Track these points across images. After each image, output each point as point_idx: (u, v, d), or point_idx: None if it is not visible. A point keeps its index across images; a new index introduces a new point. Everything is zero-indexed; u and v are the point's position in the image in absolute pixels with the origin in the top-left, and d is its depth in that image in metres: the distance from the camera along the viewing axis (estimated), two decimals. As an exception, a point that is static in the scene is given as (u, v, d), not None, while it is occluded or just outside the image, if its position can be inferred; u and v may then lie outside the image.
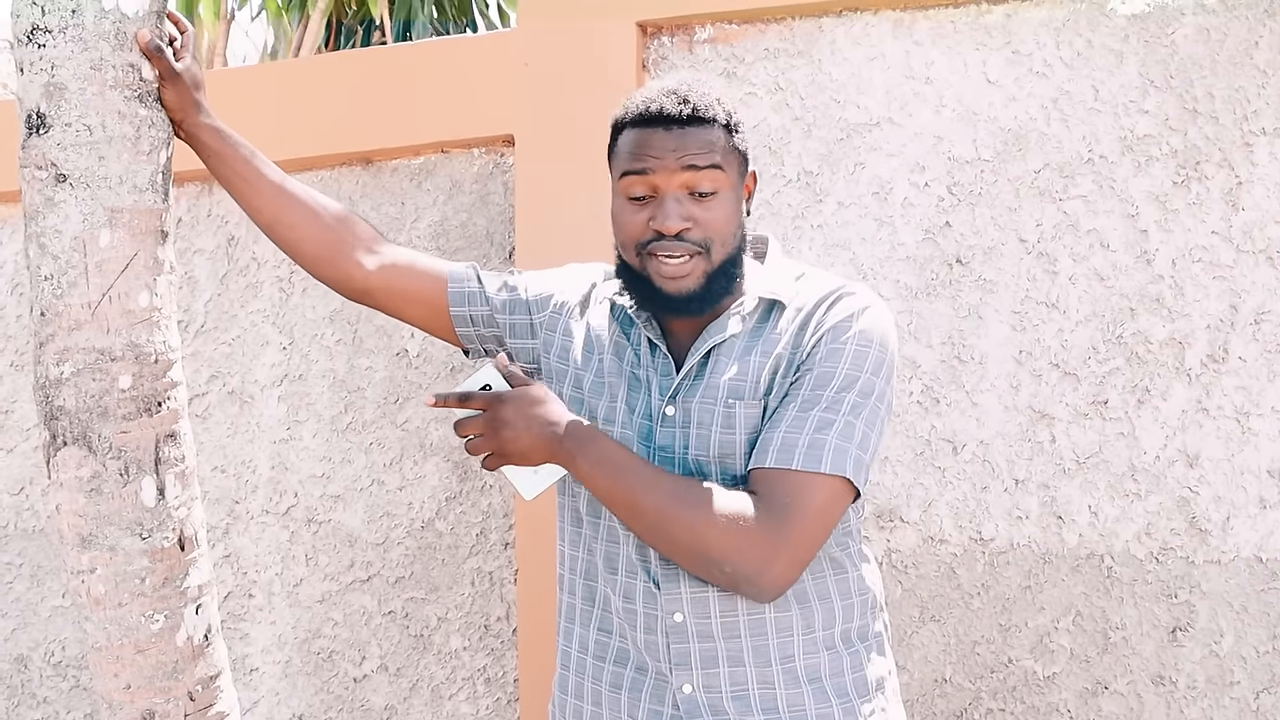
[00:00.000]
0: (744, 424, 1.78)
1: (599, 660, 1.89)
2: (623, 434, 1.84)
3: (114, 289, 1.72)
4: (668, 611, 1.80)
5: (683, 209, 1.77)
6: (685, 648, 1.79)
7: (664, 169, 1.78)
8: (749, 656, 1.79)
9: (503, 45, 2.87)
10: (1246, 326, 2.40)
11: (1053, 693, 2.48)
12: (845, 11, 2.63)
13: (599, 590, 1.90)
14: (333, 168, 3.03)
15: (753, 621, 1.79)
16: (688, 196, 1.78)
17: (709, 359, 1.82)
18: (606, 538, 1.86)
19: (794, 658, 1.80)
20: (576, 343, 1.93)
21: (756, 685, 1.79)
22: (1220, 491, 2.41)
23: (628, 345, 1.88)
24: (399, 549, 2.93)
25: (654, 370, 1.84)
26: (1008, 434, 2.51)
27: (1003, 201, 2.53)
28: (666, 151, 1.78)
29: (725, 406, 1.79)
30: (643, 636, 1.82)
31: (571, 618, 1.94)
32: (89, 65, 1.71)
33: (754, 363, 1.81)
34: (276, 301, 3.06)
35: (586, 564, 1.92)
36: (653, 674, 1.83)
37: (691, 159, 1.77)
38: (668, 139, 1.78)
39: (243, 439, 3.07)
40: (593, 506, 1.88)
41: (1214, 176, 2.43)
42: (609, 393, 1.87)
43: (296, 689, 3.01)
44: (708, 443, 1.79)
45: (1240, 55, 2.42)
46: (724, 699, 1.79)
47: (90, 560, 1.75)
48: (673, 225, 1.76)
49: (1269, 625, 2.37)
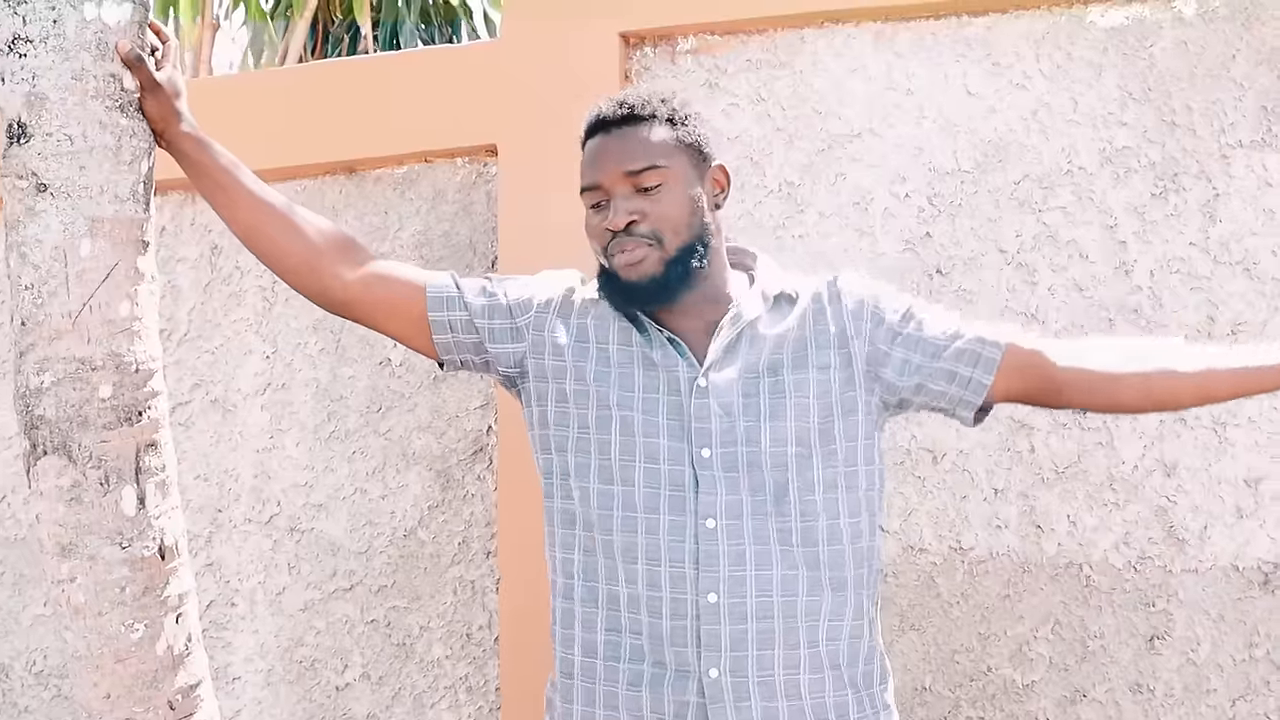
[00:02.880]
0: (791, 390, 1.85)
1: (611, 661, 1.89)
2: (645, 417, 1.86)
3: (95, 298, 1.73)
4: (702, 592, 1.81)
5: (629, 205, 1.86)
6: (716, 629, 1.81)
7: (606, 175, 1.88)
8: (779, 639, 1.81)
9: (486, 55, 2.88)
10: (1224, 337, 2.42)
11: (1032, 701, 2.49)
12: (827, 23, 2.65)
13: (601, 589, 1.89)
14: (316, 177, 3.03)
15: (786, 603, 1.82)
16: (635, 193, 1.86)
17: (740, 337, 1.89)
18: (622, 529, 1.86)
19: (819, 643, 1.83)
20: (568, 340, 1.94)
21: (782, 670, 1.81)
22: (1197, 501, 2.42)
23: (634, 336, 1.91)
24: (381, 557, 2.93)
25: (674, 354, 1.88)
26: (987, 444, 2.52)
27: (983, 212, 2.54)
28: (608, 157, 1.88)
29: (770, 376, 1.86)
30: (669, 623, 1.83)
31: (570, 623, 1.94)
32: (70, 75, 1.71)
33: (789, 336, 1.89)
34: (259, 310, 3.06)
35: (584, 564, 1.91)
36: (674, 665, 1.83)
37: (628, 161, 1.86)
38: (609, 143, 1.89)
39: (225, 447, 3.08)
40: (603, 500, 1.88)
41: (1192, 188, 2.45)
42: (618, 379, 1.89)
43: (279, 698, 3.01)
44: (757, 409, 1.85)
45: (1217, 68, 2.44)
46: (750, 683, 1.81)
47: (70, 569, 1.75)
48: (619, 221, 1.85)
49: (1245, 633, 2.39)
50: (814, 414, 1.85)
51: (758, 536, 1.82)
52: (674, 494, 1.83)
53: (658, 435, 1.85)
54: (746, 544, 1.81)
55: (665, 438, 1.85)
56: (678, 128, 1.89)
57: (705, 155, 1.92)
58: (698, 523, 1.82)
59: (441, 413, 2.89)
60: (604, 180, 1.87)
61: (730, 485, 1.83)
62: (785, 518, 1.83)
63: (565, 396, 1.92)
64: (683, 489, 1.83)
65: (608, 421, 1.88)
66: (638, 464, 1.85)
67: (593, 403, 1.89)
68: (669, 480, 1.84)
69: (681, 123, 1.90)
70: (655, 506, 1.84)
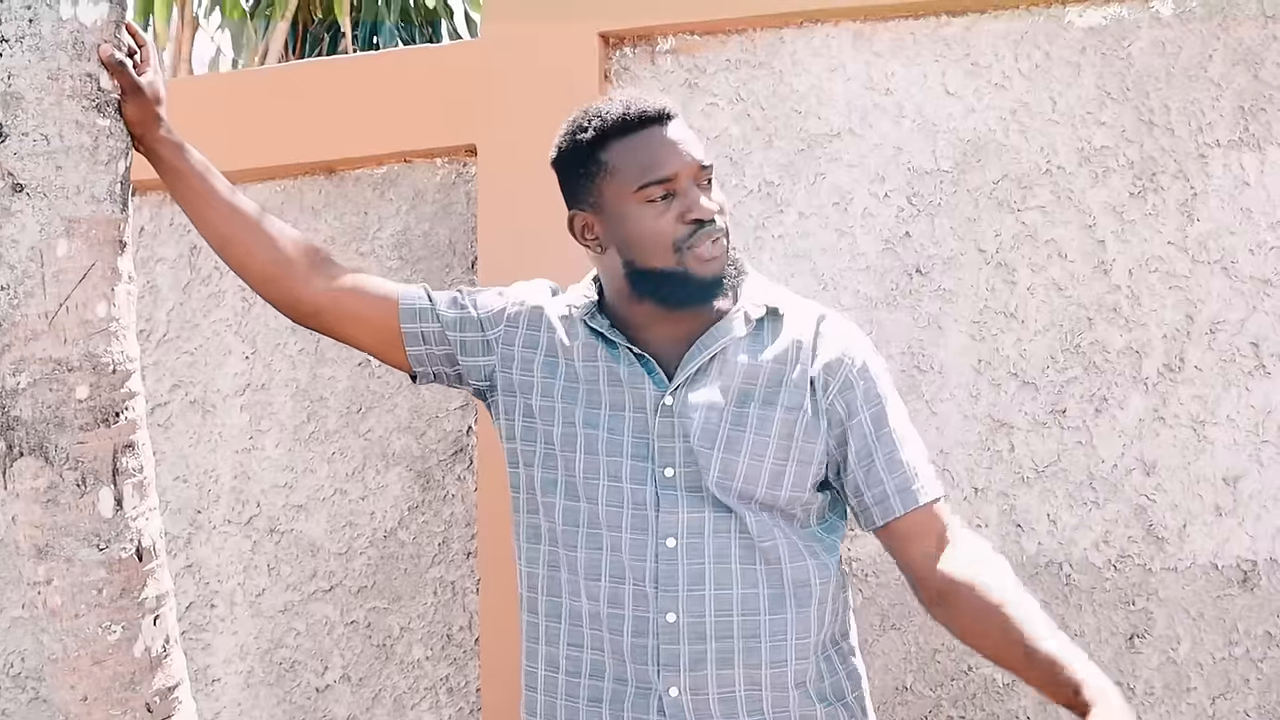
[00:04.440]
0: (753, 425, 1.82)
1: (572, 676, 1.87)
2: (609, 435, 1.85)
3: (71, 299, 1.72)
4: (660, 611, 1.80)
5: (708, 193, 1.84)
6: (675, 649, 1.80)
7: (684, 165, 1.82)
8: (739, 658, 1.80)
9: (465, 55, 2.87)
10: (1202, 336, 2.43)
11: (1012, 700, 2.50)
12: (806, 23, 2.65)
13: (564, 604, 1.89)
14: (295, 177, 3.02)
15: (746, 622, 1.80)
16: (704, 186, 1.84)
17: (713, 360, 1.85)
18: (586, 545, 1.85)
19: (785, 662, 1.81)
20: (537, 354, 1.93)
21: (744, 688, 1.80)
22: (1177, 499, 2.43)
23: (601, 352, 1.89)
24: (361, 559, 2.92)
25: (641, 371, 1.85)
26: (967, 443, 2.52)
27: (962, 212, 2.55)
28: (681, 148, 1.83)
29: (736, 406, 1.82)
30: (630, 641, 1.81)
31: (535, 637, 1.93)
32: (46, 75, 1.70)
33: (765, 368, 1.84)
34: (239, 310, 3.05)
35: (549, 579, 1.90)
36: (634, 682, 1.82)
37: (700, 153, 1.84)
38: (677, 134, 1.84)
39: (205, 448, 3.06)
40: (568, 516, 1.87)
41: (1170, 188, 2.46)
42: (585, 395, 1.87)
43: (259, 700, 3.00)
44: (714, 436, 1.81)
45: (1195, 68, 2.45)
46: (710, 701, 1.80)
47: (47, 571, 1.74)
48: (712, 209, 1.82)
49: (1224, 631, 2.40)
50: (769, 455, 1.82)
51: (719, 555, 1.80)
52: (636, 512, 1.82)
53: (621, 454, 1.83)
54: (706, 563, 1.80)
55: (629, 456, 1.83)
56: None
57: None
58: (658, 542, 1.81)
59: (421, 413, 2.88)
60: (683, 170, 1.81)
61: (692, 504, 1.81)
62: (746, 535, 1.82)
63: (532, 412, 1.91)
64: (645, 507, 1.82)
65: (573, 439, 1.86)
66: (601, 482, 1.84)
67: (558, 419, 1.88)
68: (631, 499, 1.82)
69: None
70: (618, 524, 1.82)
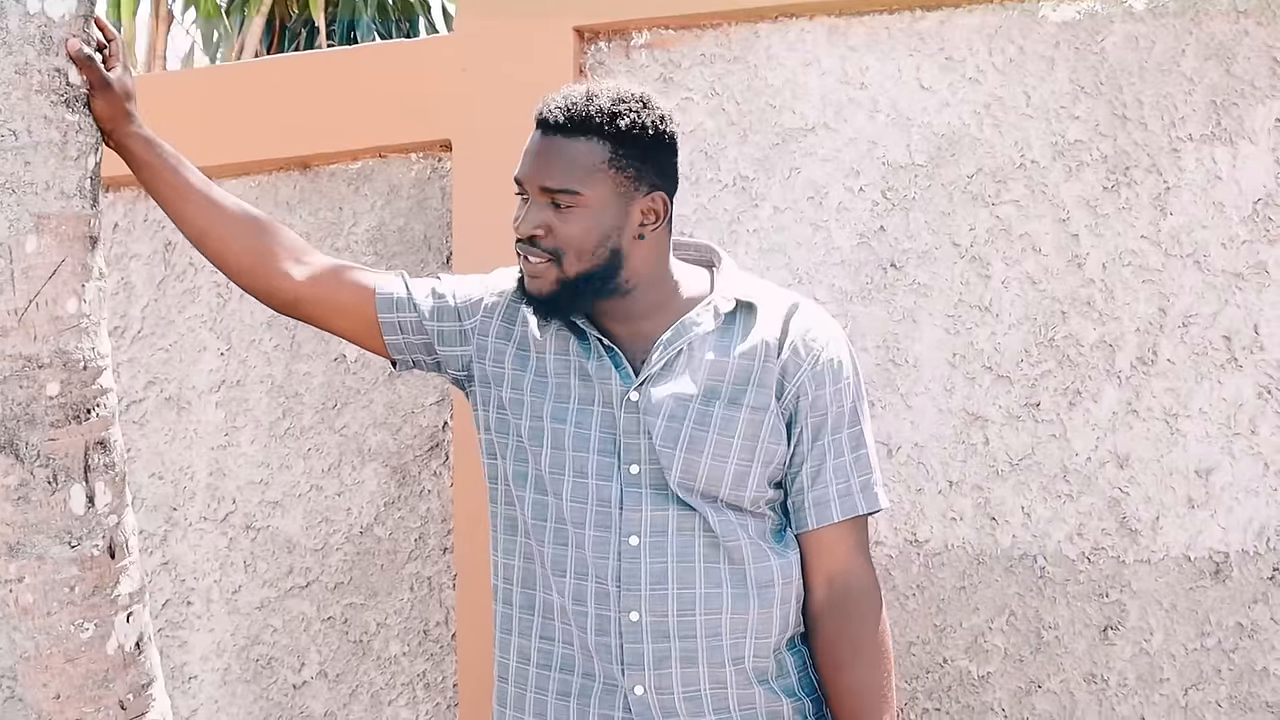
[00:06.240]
0: (718, 424, 1.81)
1: (543, 669, 1.88)
2: (576, 430, 1.84)
3: (41, 295, 1.71)
4: (623, 610, 1.80)
5: (540, 216, 1.82)
6: (639, 648, 1.80)
7: (527, 179, 1.85)
8: (703, 657, 1.80)
9: (440, 50, 2.87)
10: (1175, 329, 2.43)
11: (987, 692, 2.51)
12: (781, 17, 2.65)
13: (538, 597, 1.89)
14: (270, 172, 3.01)
15: (709, 621, 1.80)
16: (549, 206, 1.82)
17: (680, 354, 1.84)
18: (553, 540, 1.85)
19: (744, 659, 1.81)
20: (509, 346, 1.93)
21: (709, 685, 1.80)
22: (1150, 492, 2.44)
23: (572, 344, 1.89)
24: (338, 554, 2.92)
25: (609, 365, 1.85)
26: (942, 436, 2.53)
27: (936, 206, 2.55)
28: (533, 162, 1.84)
29: (701, 404, 1.81)
30: (594, 639, 1.81)
31: (508, 628, 1.93)
32: (13, 70, 1.69)
33: (733, 364, 1.84)
34: (214, 307, 3.04)
35: (524, 571, 1.91)
36: (601, 679, 1.82)
37: (547, 175, 1.82)
38: (540, 146, 1.85)
39: (180, 445, 3.05)
40: (538, 510, 1.87)
41: (1143, 182, 2.47)
42: (554, 389, 1.87)
43: (235, 696, 2.99)
44: (677, 435, 1.80)
45: (1168, 62, 2.46)
46: (676, 699, 1.80)
47: (18, 569, 1.73)
48: (522, 230, 1.84)
49: (1197, 623, 2.41)
50: (733, 456, 1.82)
51: (682, 554, 1.80)
52: (600, 509, 1.82)
53: (588, 449, 1.83)
54: (669, 561, 1.80)
55: (595, 452, 1.83)
56: (620, 147, 1.82)
57: (641, 181, 1.85)
58: (621, 540, 1.81)
59: (397, 409, 2.88)
60: (525, 180, 1.85)
61: (657, 501, 1.81)
62: (711, 533, 1.81)
63: (504, 404, 1.91)
64: (609, 504, 1.81)
65: (539, 433, 1.86)
66: (567, 477, 1.83)
67: (527, 413, 1.88)
68: (596, 495, 1.82)
69: (627, 142, 1.83)
70: (582, 521, 1.82)
